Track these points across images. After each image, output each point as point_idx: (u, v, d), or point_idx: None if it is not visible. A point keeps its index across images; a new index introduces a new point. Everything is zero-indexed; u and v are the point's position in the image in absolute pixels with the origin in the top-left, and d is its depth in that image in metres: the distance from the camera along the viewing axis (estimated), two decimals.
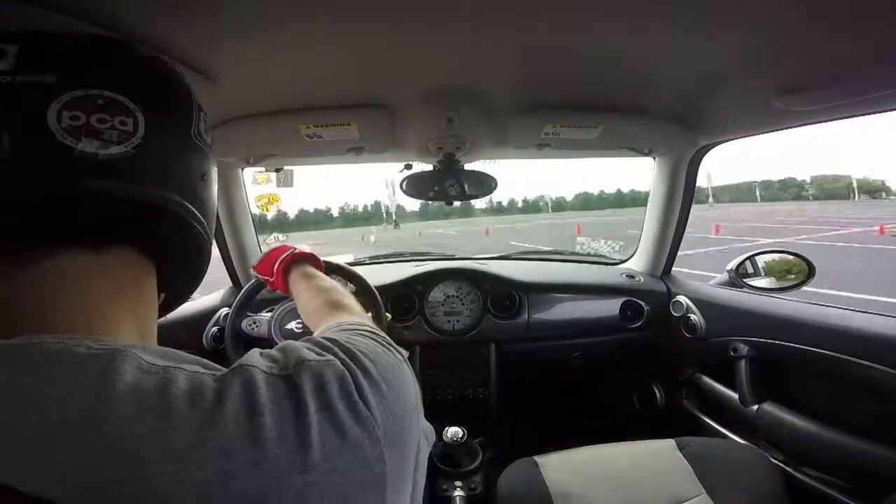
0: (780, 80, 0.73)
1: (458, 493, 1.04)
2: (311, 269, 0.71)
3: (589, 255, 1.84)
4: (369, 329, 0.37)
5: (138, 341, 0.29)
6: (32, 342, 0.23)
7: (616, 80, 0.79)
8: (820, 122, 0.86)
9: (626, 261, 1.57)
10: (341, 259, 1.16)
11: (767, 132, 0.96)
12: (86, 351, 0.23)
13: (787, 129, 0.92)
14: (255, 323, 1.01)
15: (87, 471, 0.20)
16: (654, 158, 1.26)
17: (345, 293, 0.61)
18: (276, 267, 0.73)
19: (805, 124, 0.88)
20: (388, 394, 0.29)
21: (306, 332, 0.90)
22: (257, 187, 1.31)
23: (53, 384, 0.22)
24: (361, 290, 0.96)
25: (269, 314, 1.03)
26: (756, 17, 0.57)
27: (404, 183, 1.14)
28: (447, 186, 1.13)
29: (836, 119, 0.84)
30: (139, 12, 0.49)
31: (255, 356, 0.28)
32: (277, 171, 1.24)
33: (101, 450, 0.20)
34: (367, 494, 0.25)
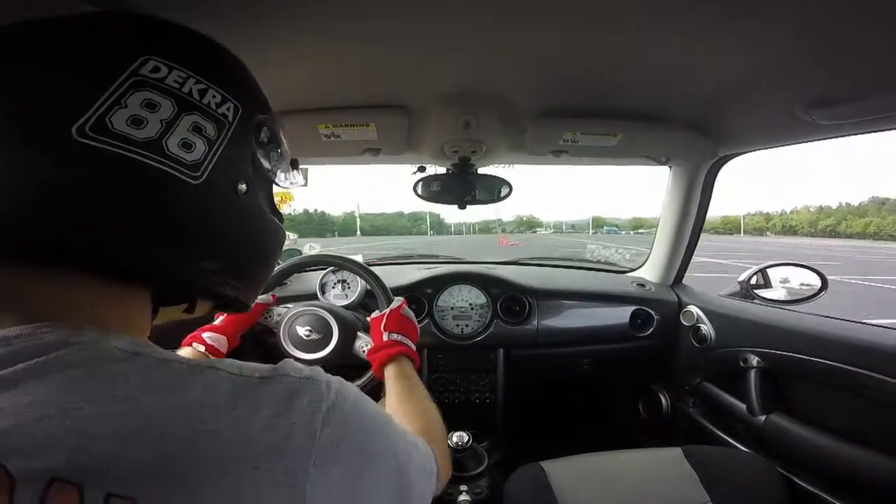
0: (807, 92, 0.72)
1: (464, 497, 1.04)
2: (411, 369, 0.72)
3: (599, 262, 1.83)
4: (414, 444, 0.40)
5: None
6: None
7: (639, 87, 0.79)
8: (844, 135, 0.85)
9: (636, 269, 1.56)
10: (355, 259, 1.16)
11: (789, 144, 0.95)
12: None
13: (810, 141, 0.91)
14: (269, 314, 0.93)
15: None
16: (670, 167, 1.25)
17: (431, 408, 0.65)
18: (383, 346, 0.73)
19: (829, 138, 0.87)
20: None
21: (312, 338, 0.89)
22: None
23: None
24: (378, 287, 0.95)
25: (285, 310, 0.94)
26: (785, 28, 0.56)
27: (418, 186, 1.13)
28: (460, 191, 1.13)
29: (862, 133, 0.83)
30: (162, 13, 0.50)
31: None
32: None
33: None
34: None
